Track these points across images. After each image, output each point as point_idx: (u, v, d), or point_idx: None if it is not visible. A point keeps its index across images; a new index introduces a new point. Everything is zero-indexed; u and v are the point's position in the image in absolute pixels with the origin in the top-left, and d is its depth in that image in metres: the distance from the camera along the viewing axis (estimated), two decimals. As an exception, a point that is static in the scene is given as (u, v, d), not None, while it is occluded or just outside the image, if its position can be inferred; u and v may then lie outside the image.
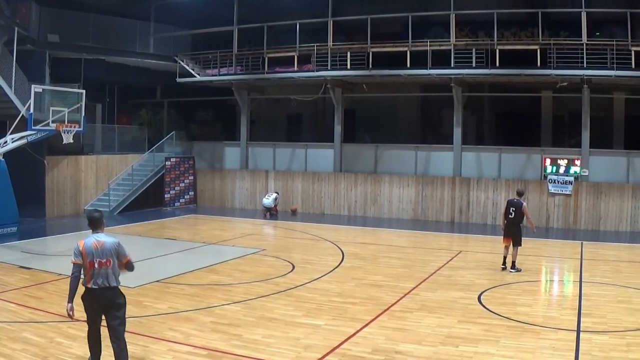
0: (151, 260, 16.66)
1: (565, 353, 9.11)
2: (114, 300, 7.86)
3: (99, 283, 7.75)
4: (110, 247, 7.87)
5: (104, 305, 7.81)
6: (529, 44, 24.00)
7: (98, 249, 7.80)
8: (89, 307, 7.88)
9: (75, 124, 22.76)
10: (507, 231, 15.52)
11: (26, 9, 24.17)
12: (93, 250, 7.78)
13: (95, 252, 7.78)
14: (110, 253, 7.83)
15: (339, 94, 27.73)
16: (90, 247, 7.81)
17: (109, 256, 7.81)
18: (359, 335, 10.06)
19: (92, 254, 7.76)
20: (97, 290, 7.75)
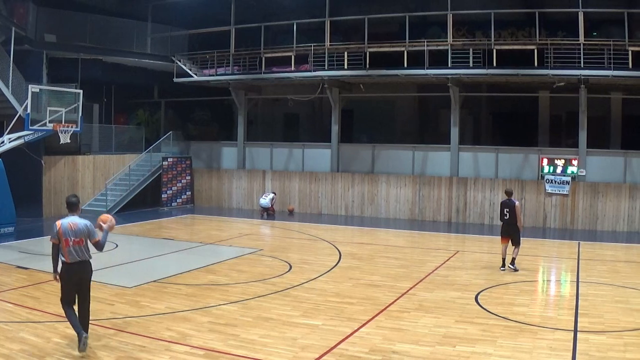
0: (148, 260, 16.67)
1: (563, 353, 9.12)
2: (86, 272, 9.24)
3: (74, 258, 9.06)
4: (82, 228, 9.16)
5: (79, 277, 9.12)
6: (526, 44, 24.00)
7: (73, 229, 9.08)
8: (67, 280, 9.09)
9: (72, 124, 22.76)
10: (505, 232, 15.54)
11: (23, 8, 24.16)
12: (69, 230, 9.05)
13: (70, 232, 9.05)
14: (82, 233, 9.13)
15: (336, 94, 27.74)
16: (66, 228, 9.07)
17: (82, 236, 9.12)
18: (356, 335, 10.07)
19: (68, 234, 9.03)
20: (74, 264, 9.07)
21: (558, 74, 22.73)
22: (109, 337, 9.66)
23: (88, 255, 9.26)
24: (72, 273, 9.07)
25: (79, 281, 9.12)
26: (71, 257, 9.05)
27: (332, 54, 26.17)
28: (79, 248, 9.10)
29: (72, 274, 9.07)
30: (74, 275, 9.08)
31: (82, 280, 9.17)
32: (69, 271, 9.07)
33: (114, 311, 11.25)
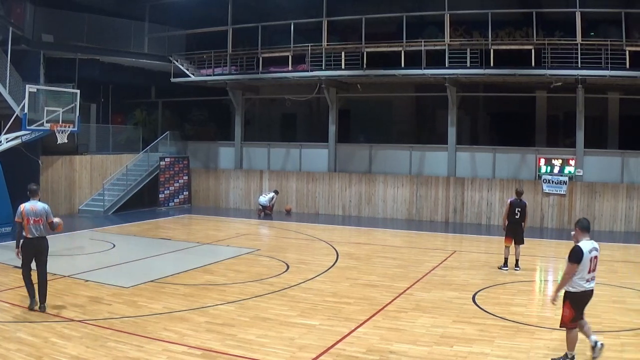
0: (146, 260, 16.67)
1: (560, 353, 9.12)
2: (43, 246, 11.39)
3: (33, 234, 11.16)
4: (40, 210, 11.32)
5: (36, 250, 11.28)
6: (523, 44, 24.01)
7: (33, 210, 11.22)
8: (26, 252, 11.25)
9: (69, 124, 22.77)
10: (511, 231, 15.58)
11: (20, 8, 24.12)
12: (30, 211, 11.18)
13: (31, 212, 11.19)
14: (41, 214, 11.27)
15: (333, 94, 27.73)
16: (28, 209, 11.20)
17: (40, 216, 11.25)
18: (354, 335, 10.07)
19: (29, 214, 11.14)
20: (33, 239, 11.18)
21: (555, 74, 22.75)
22: (106, 337, 9.66)
23: (45, 232, 11.39)
24: (31, 246, 11.20)
25: (36, 253, 11.28)
26: (31, 234, 11.13)
27: (330, 54, 26.16)
28: (37, 226, 11.20)
29: (31, 247, 11.21)
30: (32, 248, 11.21)
31: (39, 252, 11.31)
32: (29, 245, 11.20)
33: (111, 311, 11.24)
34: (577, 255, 8.71)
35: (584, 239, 8.94)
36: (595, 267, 8.90)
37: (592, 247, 8.86)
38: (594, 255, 8.84)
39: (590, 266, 8.77)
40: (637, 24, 24.62)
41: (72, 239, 20.28)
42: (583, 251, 8.72)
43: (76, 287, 13.11)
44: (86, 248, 18.56)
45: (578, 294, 8.82)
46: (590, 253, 8.78)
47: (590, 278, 8.83)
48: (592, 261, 8.79)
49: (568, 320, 8.86)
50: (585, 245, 8.83)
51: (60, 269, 14.80)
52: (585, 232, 9.04)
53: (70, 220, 24.48)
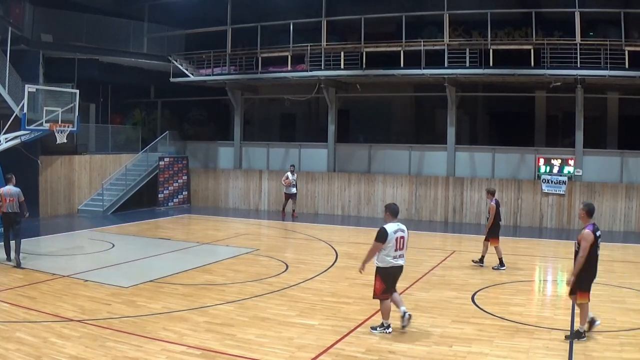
0: (145, 260, 16.66)
1: (559, 353, 9.14)
2: (16, 219, 15.38)
3: (8, 210, 15.26)
4: (15, 192, 15.40)
5: (11, 221, 15.32)
6: (522, 44, 24.01)
7: (9, 192, 15.34)
8: (4, 222, 15.49)
9: (68, 123, 22.77)
10: (498, 232, 15.70)
11: (20, 8, 24.11)
12: (7, 193, 15.32)
13: (8, 194, 15.32)
14: (14, 195, 15.34)
15: (332, 94, 27.73)
16: (6, 192, 15.35)
17: (14, 197, 15.32)
18: (353, 335, 10.08)
19: (6, 195, 15.28)
20: (10, 213, 15.32)
21: (554, 73, 22.75)
22: (106, 337, 9.66)
23: (17, 209, 15.35)
24: (7, 218, 15.36)
25: (10, 222, 15.30)
26: (8, 209, 15.26)
27: (329, 53, 26.16)
28: (11, 204, 15.29)
29: (7, 219, 15.36)
30: (6, 219, 15.40)
31: (14, 221, 15.30)
32: (5, 217, 15.44)
33: (111, 311, 11.25)
34: (382, 235, 9.97)
35: (390, 222, 10.18)
36: (403, 246, 10.19)
37: (397, 228, 10.13)
38: (400, 235, 10.11)
39: (396, 245, 10.04)
40: (636, 24, 24.64)
41: (71, 239, 20.30)
42: (388, 232, 9.97)
43: (75, 287, 13.11)
44: (85, 248, 18.56)
45: (387, 269, 10.05)
46: (396, 233, 10.05)
47: (398, 255, 10.12)
48: (398, 241, 10.06)
49: (379, 292, 10.13)
50: (390, 227, 10.07)
51: (60, 268, 14.83)
52: (393, 216, 10.30)
53: (70, 220, 24.54)
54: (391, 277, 10.17)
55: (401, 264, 10.22)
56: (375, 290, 10.18)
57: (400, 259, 10.18)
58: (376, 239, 10.01)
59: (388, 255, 10.02)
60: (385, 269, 10.04)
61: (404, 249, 10.26)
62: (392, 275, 10.16)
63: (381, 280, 10.07)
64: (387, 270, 10.06)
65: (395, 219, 10.29)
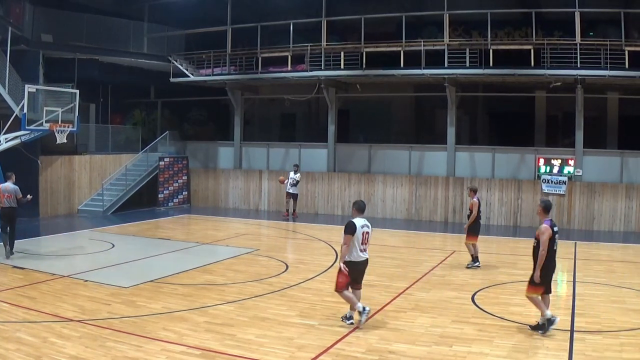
0: (145, 260, 16.66)
1: (559, 353, 9.14)
2: (13, 215, 16.20)
3: (6, 205, 15.99)
4: (12, 189, 16.15)
5: (9, 217, 16.07)
6: (522, 44, 24.01)
7: (7, 189, 16.05)
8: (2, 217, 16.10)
9: (68, 123, 22.79)
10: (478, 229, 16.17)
11: (20, 8, 24.12)
12: (4, 189, 16.03)
13: (5, 190, 16.04)
14: (11, 192, 16.11)
15: (332, 94, 27.73)
16: (3, 187, 16.13)
17: (11, 193, 16.10)
18: (353, 335, 10.07)
19: (4, 191, 16.02)
20: (6, 208, 16.03)
21: (554, 74, 22.75)
22: (106, 337, 9.66)
23: (15, 204, 16.16)
24: (5, 212, 16.05)
25: (9, 217, 16.05)
26: (6, 204, 16.00)
27: (329, 54, 26.16)
28: (9, 200, 16.04)
29: (5, 213, 16.05)
30: (4, 215, 16.06)
31: (11, 216, 16.12)
32: (3, 211, 16.03)
33: (111, 311, 11.24)
34: (351, 227, 10.36)
35: (358, 217, 10.57)
36: (367, 241, 10.60)
37: (364, 223, 10.55)
38: (365, 230, 10.52)
39: (362, 239, 10.48)
40: (636, 24, 24.65)
41: (71, 239, 20.29)
42: (356, 225, 10.40)
43: (75, 287, 13.11)
44: (85, 248, 18.55)
45: (352, 262, 10.46)
46: (362, 228, 10.46)
47: (363, 249, 10.54)
48: (364, 235, 10.49)
49: (343, 285, 10.52)
50: (358, 221, 10.49)
51: (60, 268, 14.83)
52: (360, 212, 10.68)
53: (70, 220, 24.53)
54: (357, 270, 10.61)
55: (366, 257, 10.66)
56: (337, 284, 10.56)
57: (365, 253, 10.62)
58: (346, 232, 10.39)
59: (354, 249, 10.44)
60: (352, 262, 10.47)
61: (367, 244, 10.68)
62: (359, 268, 10.61)
63: (347, 274, 10.45)
64: (356, 264, 10.50)
65: (362, 215, 10.71)
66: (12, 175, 16.51)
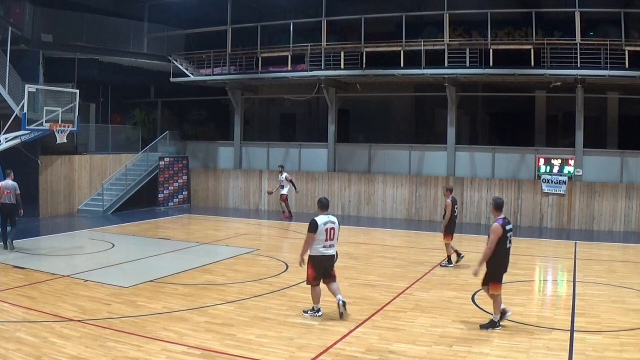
0: (145, 260, 16.65)
1: (559, 353, 9.13)
2: (13, 210, 17.06)
3: (5, 201, 16.90)
4: (11, 185, 17.01)
5: (8, 211, 16.99)
6: (522, 44, 24.02)
7: (7, 186, 16.98)
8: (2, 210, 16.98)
9: (68, 123, 22.77)
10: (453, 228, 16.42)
11: (20, 8, 24.12)
12: (4, 185, 16.91)
13: (5, 187, 16.96)
14: (11, 188, 16.99)
15: (332, 94, 27.72)
16: (3, 184, 16.96)
17: (10, 189, 16.96)
18: (353, 335, 10.07)
19: (4, 187, 16.89)
20: (6, 204, 16.94)
21: (554, 73, 22.75)
22: (106, 337, 9.65)
23: (14, 200, 17.01)
24: (5, 208, 16.93)
25: (8, 212, 16.99)
26: (5, 200, 16.90)
27: (329, 53, 26.15)
28: (9, 196, 16.95)
29: (5, 208, 16.94)
30: (4, 209, 16.95)
31: (11, 212, 17.02)
32: (3, 207, 16.92)
33: (111, 311, 11.24)
34: (313, 226, 10.73)
35: (322, 214, 10.92)
36: (333, 236, 10.89)
37: (327, 220, 10.86)
38: (330, 226, 10.83)
39: (326, 235, 10.79)
40: (636, 23, 24.68)
41: (71, 239, 20.30)
42: (318, 223, 10.74)
43: (75, 287, 13.10)
44: (85, 248, 18.55)
45: (318, 257, 10.85)
46: (326, 225, 10.79)
47: (328, 245, 10.89)
48: (328, 231, 10.80)
49: (311, 279, 10.95)
50: (320, 218, 10.82)
51: (60, 268, 14.82)
52: (323, 209, 10.99)
53: (70, 220, 24.51)
54: (321, 266, 10.92)
55: (331, 253, 11.01)
56: (308, 277, 11.03)
57: (331, 249, 10.96)
58: (308, 230, 10.80)
59: (318, 245, 10.80)
60: (316, 257, 10.86)
61: (334, 239, 10.97)
62: (322, 264, 10.92)
63: (312, 268, 10.90)
64: (318, 259, 10.87)
65: (325, 212, 11.01)
66: (11, 173, 17.40)
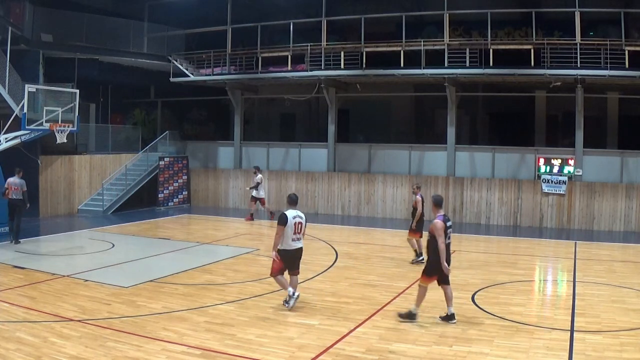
0: (145, 260, 16.65)
1: (559, 353, 9.13)
2: (19, 206, 18.05)
3: (13, 197, 17.94)
4: (19, 182, 18.03)
5: (15, 207, 18.00)
6: (522, 44, 24.01)
7: (14, 182, 18.01)
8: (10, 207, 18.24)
9: (68, 123, 22.76)
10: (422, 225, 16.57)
11: (20, 8, 24.11)
12: (12, 182, 18.02)
13: (13, 183, 18.01)
14: (18, 185, 17.99)
15: (332, 94, 27.72)
16: (11, 181, 18.05)
17: (18, 186, 18.00)
18: (353, 334, 10.07)
19: (12, 184, 17.98)
20: (14, 199, 17.97)
21: (554, 73, 22.75)
22: (106, 337, 9.65)
23: (21, 196, 17.98)
24: (12, 203, 18.10)
25: (14, 207, 18.03)
26: (12, 196, 18.01)
27: (329, 53, 26.15)
28: (16, 192, 17.96)
29: (12, 204, 18.11)
30: (12, 205, 18.07)
31: (17, 207, 18.02)
32: (11, 203, 18.09)
33: (111, 311, 11.24)
34: (283, 219, 11.29)
35: (291, 209, 11.57)
36: (300, 230, 11.54)
37: (295, 214, 11.48)
38: (298, 221, 11.45)
39: (295, 229, 11.39)
40: (636, 23, 24.67)
41: (71, 239, 20.29)
42: (288, 217, 11.31)
43: (75, 286, 13.11)
44: (85, 248, 18.55)
45: (288, 250, 11.45)
46: (294, 219, 11.39)
47: (296, 238, 11.51)
48: (296, 225, 11.41)
49: (276, 271, 11.53)
50: (290, 213, 11.42)
51: (60, 268, 14.82)
52: (292, 204, 11.70)
53: (70, 220, 24.51)
54: (291, 258, 11.53)
55: (299, 246, 11.63)
56: (272, 269, 11.59)
57: (298, 242, 11.58)
58: (278, 223, 11.35)
59: (288, 239, 11.39)
60: (286, 250, 11.45)
61: (301, 233, 11.60)
62: (291, 256, 11.53)
63: (281, 261, 11.45)
64: (288, 252, 11.47)
65: (294, 207, 11.69)
66: (20, 171, 18.51)
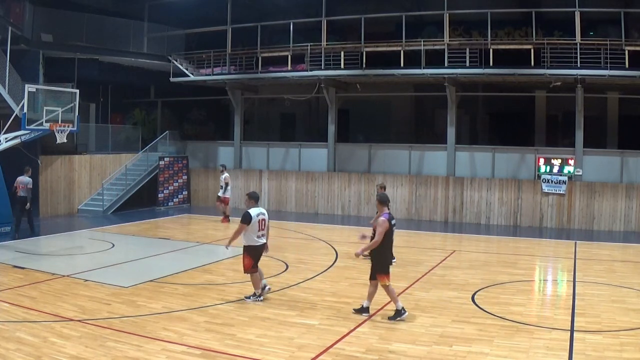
0: (145, 260, 16.64)
1: (559, 353, 9.13)
2: (26, 203, 19.38)
3: (21, 194, 19.29)
4: (26, 181, 19.40)
5: (24, 203, 19.36)
6: (522, 44, 24.02)
7: (23, 181, 19.37)
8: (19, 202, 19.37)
9: (68, 123, 22.71)
10: None
11: (20, 8, 24.10)
12: (21, 180, 19.36)
13: (21, 181, 19.34)
14: (25, 183, 19.34)
15: (332, 94, 27.72)
16: (20, 179, 19.44)
17: (24, 184, 19.31)
18: (353, 334, 10.07)
19: (21, 182, 19.31)
20: (23, 196, 19.31)
21: (554, 73, 22.75)
22: (106, 337, 9.65)
23: (27, 193, 19.34)
24: (21, 200, 19.36)
25: (24, 204, 19.33)
26: (22, 194, 19.32)
27: (329, 53, 26.15)
28: (23, 190, 19.27)
29: (21, 201, 19.36)
30: (19, 202, 19.37)
31: (25, 204, 19.31)
32: (21, 199, 19.33)
33: (111, 311, 11.24)
34: (247, 218, 11.70)
35: (253, 207, 11.97)
36: (264, 227, 12.02)
37: (259, 212, 11.97)
38: (261, 218, 11.95)
39: (259, 226, 11.89)
40: (636, 23, 24.67)
41: (71, 239, 20.30)
42: (251, 215, 11.73)
43: (75, 286, 13.10)
44: (85, 248, 18.55)
45: (253, 247, 11.90)
46: (258, 216, 11.86)
47: (261, 235, 11.98)
48: (260, 222, 11.90)
49: (249, 267, 11.92)
50: (253, 211, 11.84)
51: (60, 268, 14.81)
52: (254, 201, 12.10)
53: (70, 219, 24.50)
54: (257, 254, 11.99)
55: (264, 242, 12.09)
56: (245, 266, 11.97)
57: (263, 238, 12.04)
58: (241, 221, 11.76)
59: (253, 235, 11.84)
60: (253, 247, 11.90)
61: (265, 229, 12.06)
62: (257, 252, 12.00)
63: (249, 257, 11.87)
64: (254, 248, 11.92)
65: (256, 204, 12.13)
66: (28, 170, 20.08)
